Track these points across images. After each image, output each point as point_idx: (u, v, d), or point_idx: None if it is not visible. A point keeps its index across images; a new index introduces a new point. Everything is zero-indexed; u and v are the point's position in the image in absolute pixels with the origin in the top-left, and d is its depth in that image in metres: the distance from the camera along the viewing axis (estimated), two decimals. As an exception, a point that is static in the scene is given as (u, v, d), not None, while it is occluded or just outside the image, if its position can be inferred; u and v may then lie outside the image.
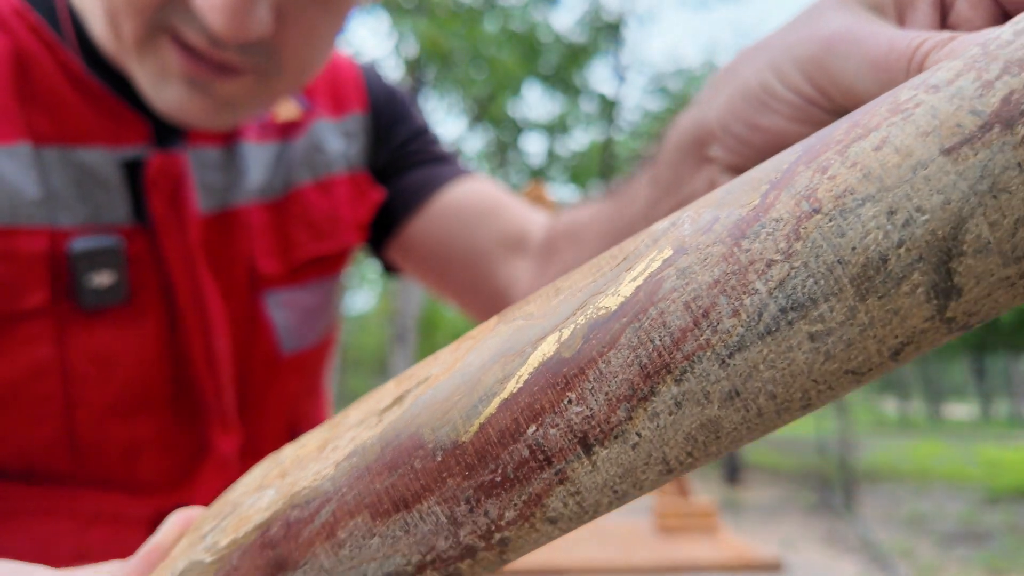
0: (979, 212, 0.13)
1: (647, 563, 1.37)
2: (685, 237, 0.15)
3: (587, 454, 0.15)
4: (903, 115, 0.14)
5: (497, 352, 0.16)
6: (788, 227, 0.14)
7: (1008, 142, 0.13)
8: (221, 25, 0.34)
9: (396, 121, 0.57)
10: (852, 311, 0.13)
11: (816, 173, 0.14)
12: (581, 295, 0.15)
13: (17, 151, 0.38)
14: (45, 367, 0.39)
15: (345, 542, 0.17)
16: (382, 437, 0.17)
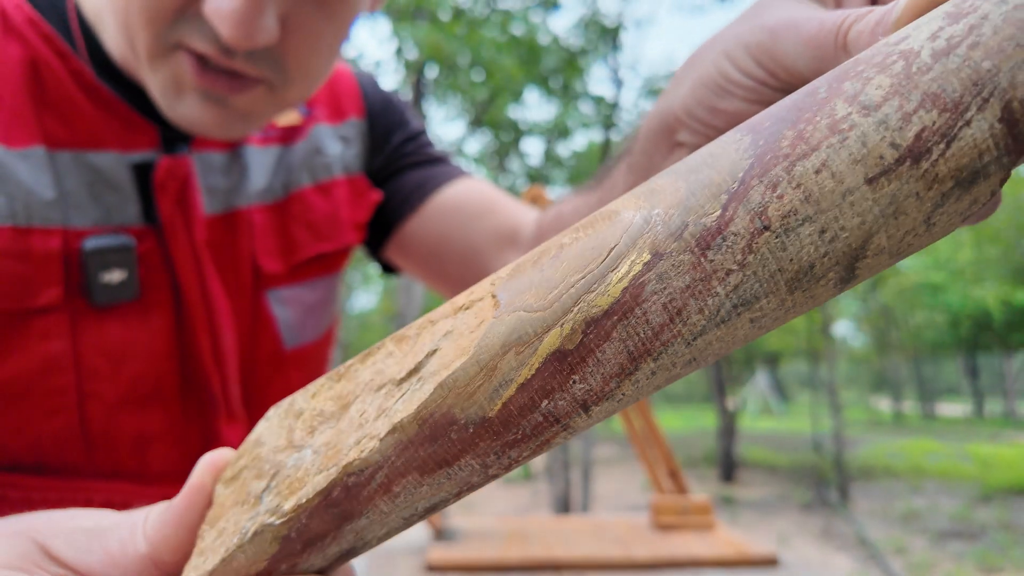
0: (883, 229, 0.17)
1: (645, 559, 1.38)
2: (659, 241, 0.18)
3: (586, 412, 0.19)
4: (839, 137, 0.17)
5: (507, 340, 0.19)
6: (744, 241, 0.17)
7: (913, 175, 0.16)
8: (230, 32, 0.35)
9: (392, 125, 0.58)
10: (782, 302, 0.18)
11: (767, 190, 0.17)
12: (574, 291, 0.18)
13: (32, 154, 0.39)
14: (58, 361, 0.41)
15: (399, 493, 0.21)
16: (417, 416, 0.20)
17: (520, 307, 0.19)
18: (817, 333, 12.02)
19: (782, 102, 0.19)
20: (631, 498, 7.74)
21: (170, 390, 0.45)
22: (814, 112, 0.17)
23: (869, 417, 19.52)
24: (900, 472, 9.02)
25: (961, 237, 11.64)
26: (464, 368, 0.19)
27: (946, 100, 0.16)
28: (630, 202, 0.19)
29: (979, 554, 5.28)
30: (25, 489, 0.42)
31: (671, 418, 19.23)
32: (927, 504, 7.19)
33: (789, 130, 0.17)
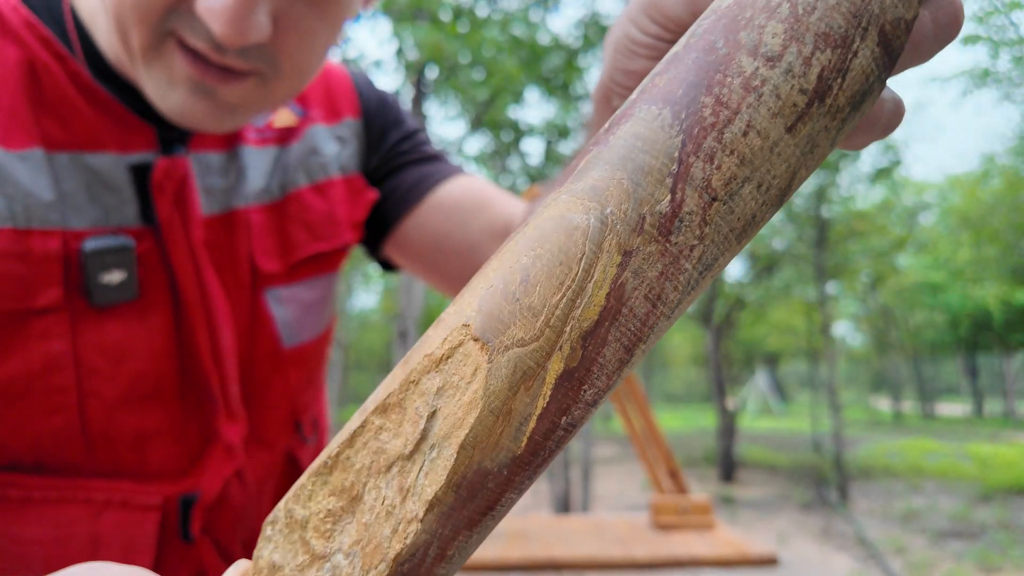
0: (803, 165, 0.19)
1: (645, 558, 1.38)
2: (624, 240, 0.18)
3: (594, 406, 0.20)
4: (755, 95, 0.18)
5: (513, 381, 0.19)
6: (698, 218, 0.18)
7: (821, 112, 0.18)
8: (222, 29, 0.35)
9: (388, 125, 0.59)
10: (734, 253, 0.20)
11: (706, 164, 0.18)
12: (560, 312, 0.18)
13: (31, 156, 0.39)
14: (59, 361, 0.41)
15: (453, 555, 0.20)
16: (451, 484, 0.19)
17: (512, 343, 0.19)
18: (817, 333, 12.02)
19: (682, 62, 0.19)
20: (631, 498, 7.75)
21: (169, 389, 0.45)
22: (723, 72, 0.18)
23: (869, 417, 19.53)
24: (900, 472, 9.03)
25: (961, 236, 11.64)
26: (480, 421, 0.19)
27: (835, 37, 0.18)
28: (575, 204, 0.19)
29: (978, 554, 5.28)
30: (25, 488, 0.42)
31: (671, 418, 19.24)
32: (927, 504, 7.19)
33: (706, 96, 0.18)
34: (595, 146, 0.20)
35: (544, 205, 0.20)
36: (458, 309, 0.20)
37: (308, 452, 0.57)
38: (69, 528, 0.42)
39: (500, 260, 0.20)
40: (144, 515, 0.44)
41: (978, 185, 10.19)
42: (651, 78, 0.20)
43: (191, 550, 0.46)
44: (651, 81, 0.20)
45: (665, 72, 0.19)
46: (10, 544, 0.41)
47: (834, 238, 8.66)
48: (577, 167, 0.20)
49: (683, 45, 0.20)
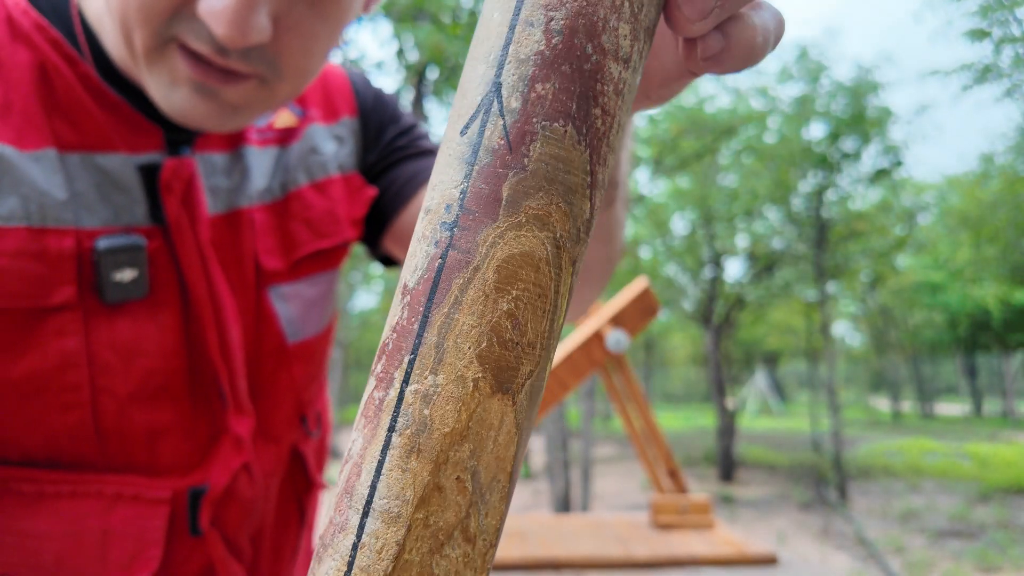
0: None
1: (645, 558, 1.39)
2: (571, 252, 0.20)
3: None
4: (622, 98, 0.21)
5: (533, 403, 0.21)
6: (599, 207, 0.21)
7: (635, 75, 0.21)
8: (224, 31, 0.36)
9: (385, 122, 0.59)
10: None
11: (602, 167, 0.21)
12: (547, 333, 0.20)
13: (44, 156, 0.40)
14: (73, 358, 0.41)
15: None
16: (505, 506, 0.21)
17: (525, 379, 0.20)
18: (816, 333, 12.01)
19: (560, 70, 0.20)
20: (631, 497, 7.75)
21: (179, 385, 0.46)
22: (600, 81, 0.20)
23: (868, 416, 19.52)
24: (899, 471, 9.04)
25: (960, 237, 11.64)
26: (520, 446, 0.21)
27: (652, 29, 0.21)
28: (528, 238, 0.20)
29: (977, 553, 5.29)
30: (38, 483, 0.43)
31: (671, 418, 19.23)
32: (925, 503, 7.20)
33: (595, 108, 0.20)
34: (508, 169, 0.19)
35: (487, 243, 0.19)
36: (453, 377, 0.19)
37: (312, 445, 0.58)
38: (81, 522, 0.43)
39: (475, 315, 0.19)
40: (154, 509, 0.44)
41: (977, 185, 10.18)
42: (530, 83, 0.19)
43: (200, 544, 0.47)
44: (531, 89, 0.19)
45: (546, 79, 0.19)
46: (23, 538, 0.42)
47: (833, 238, 8.66)
48: (500, 195, 0.19)
49: (543, 39, 0.19)
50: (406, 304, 0.19)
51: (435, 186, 0.20)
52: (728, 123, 7.62)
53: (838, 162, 8.26)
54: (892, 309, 16.82)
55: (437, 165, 0.20)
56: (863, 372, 25.82)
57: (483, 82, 0.20)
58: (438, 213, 0.19)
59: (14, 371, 0.40)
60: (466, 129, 0.19)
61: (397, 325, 0.19)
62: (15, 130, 0.39)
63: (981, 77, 6.92)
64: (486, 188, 0.19)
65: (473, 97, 0.20)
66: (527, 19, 0.19)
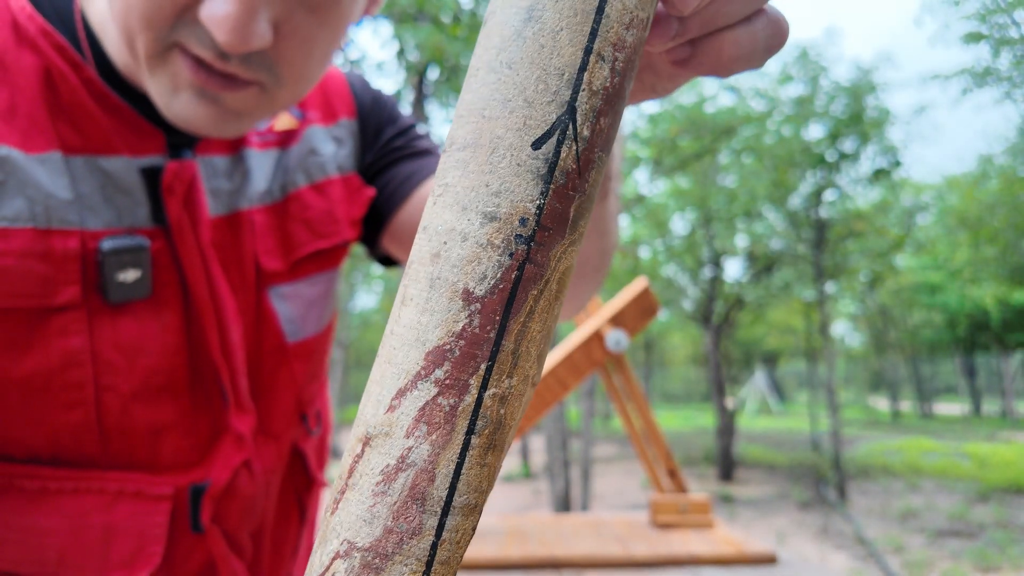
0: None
1: (644, 557, 1.39)
2: None
3: None
4: None
5: None
6: None
7: None
8: (225, 36, 0.36)
9: (382, 122, 0.60)
10: None
11: None
12: None
13: (49, 159, 0.41)
14: (77, 356, 0.42)
15: None
16: None
17: None
18: (815, 333, 12.02)
19: None
20: (630, 497, 7.76)
21: (181, 383, 0.46)
22: None
23: (867, 416, 19.53)
24: (898, 471, 9.05)
25: (958, 237, 11.65)
26: None
27: None
28: None
29: (976, 552, 5.30)
30: (41, 479, 0.43)
31: (670, 417, 19.23)
32: (925, 503, 7.21)
33: None
34: (575, 192, 0.22)
35: (556, 257, 0.21)
36: (522, 377, 0.20)
37: (312, 443, 0.59)
38: (84, 518, 0.43)
39: (541, 323, 0.21)
40: (156, 505, 0.45)
41: (976, 185, 10.19)
42: (597, 116, 0.22)
43: (201, 540, 0.47)
44: (597, 121, 0.22)
45: (605, 115, 0.22)
46: (26, 534, 0.43)
47: (833, 238, 8.67)
48: (569, 214, 0.21)
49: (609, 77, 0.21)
50: (475, 311, 0.19)
51: (499, 192, 0.19)
52: (728, 123, 7.62)
53: (837, 162, 8.27)
54: (891, 309, 16.83)
55: (491, 167, 0.20)
56: (862, 372, 25.84)
57: (556, 100, 0.20)
58: (511, 224, 0.19)
59: (19, 369, 0.41)
60: (539, 144, 0.20)
61: (464, 332, 0.19)
62: (21, 133, 0.40)
63: (980, 80, 6.93)
64: (560, 207, 0.20)
65: (544, 110, 0.20)
66: (599, 52, 0.20)
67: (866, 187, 8.80)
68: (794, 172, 8.36)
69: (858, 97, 7.91)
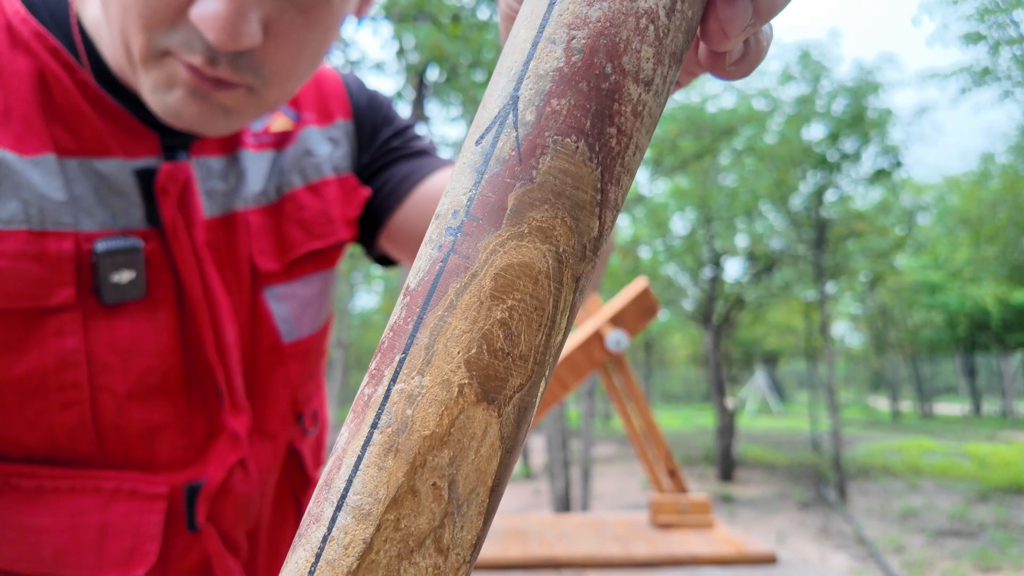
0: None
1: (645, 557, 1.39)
2: (575, 269, 0.20)
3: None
4: (640, 120, 0.20)
5: (520, 420, 0.20)
6: (610, 228, 0.21)
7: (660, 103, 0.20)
8: (216, 35, 0.37)
9: (378, 123, 0.60)
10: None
11: (615, 187, 0.20)
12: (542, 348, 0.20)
13: (43, 161, 0.41)
14: (72, 357, 0.42)
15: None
16: (485, 522, 0.20)
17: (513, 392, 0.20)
18: (815, 333, 12.03)
19: (578, 88, 0.19)
20: (631, 496, 7.76)
21: (176, 383, 0.47)
22: (618, 101, 0.20)
23: (867, 416, 19.54)
24: (898, 471, 9.05)
25: (959, 237, 11.65)
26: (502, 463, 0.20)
27: (679, 55, 0.21)
28: (530, 249, 0.20)
29: (976, 552, 5.30)
30: (37, 478, 0.43)
31: (670, 417, 19.24)
32: (925, 503, 7.21)
33: (610, 127, 0.20)
34: (515, 180, 0.20)
35: (488, 250, 0.19)
36: (439, 380, 0.19)
37: (309, 443, 0.59)
38: (79, 517, 0.43)
39: (468, 321, 0.19)
40: (151, 503, 0.45)
41: (977, 185, 10.19)
42: (545, 98, 0.20)
43: (197, 539, 0.47)
44: (546, 103, 0.19)
45: (562, 95, 0.19)
46: (22, 533, 0.43)
47: (833, 238, 8.67)
48: (506, 204, 0.19)
49: (563, 56, 0.20)
50: (405, 304, 0.20)
51: (447, 192, 0.20)
52: (728, 123, 7.62)
53: (838, 162, 8.27)
54: (891, 309, 16.84)
55: (452, 173, 0.21)
56: (862, 372, 25.86)
57: (502, 95, 0.20)
58: (446, 218, 0.20)
59: (15, 370, 0.41)
60: (481, 139, 0.20)
61: (395, 324, 0.20)
62: (15, 136, 0.40)
63: (979, 79, 6.92)
64: (492, 196, 0.19)
65: (491, 109, 0.20)
66: (550, 36, 0.20)
67: (867, 187, 8.80)
68: (795, 172, 8.36)
69: (859, 97, 7.91)
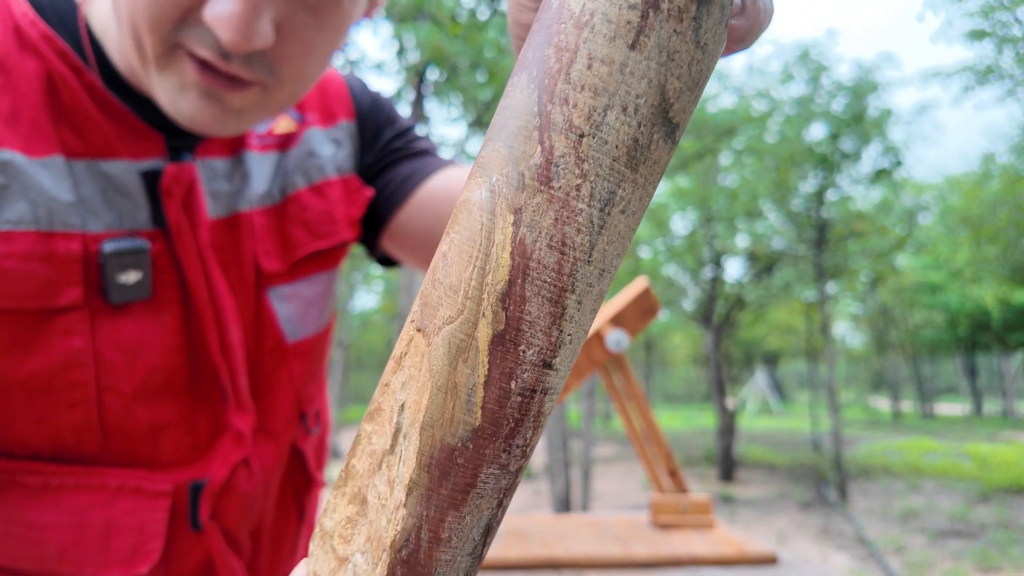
0: (669, 74, 0.18)
1: (645, 557, 1.39)
2: (512, 199, 0.19)
3: (550, 368, 0.20)
4: (588, 29, 0.18)
5: (450, 356, 0.20)
6: (572, 158, 0.18)
7: (661, 19, 0.18)
8: (229, 36, 0.37)
9: (381, 124, 0.61)
10: (635, 181, 0.19)
11: (562, 106, 0.18)
12: (475, 282, 0.19)
13: (52, 163, 0.41)
14: (79, 356, 0.42)
15: (450, 537, 0.21)
16: (420, 465, 0.20)
17: (442, 323, 0.20)
18: (816, 333, 12.02)
19: (533, 28, 0.20)
20: (631, 497, 7.76)
21: (181, 383, 0.47)
22: (557, 21, 0.19)
23: (868, 416, 19.52)
24: (899, 471, 9.04)
25: (959, 237, 11.64)
26: (432, 400, 0.20)
27: None
28: (472, 184, 0.20)
29: (977, 553, 5.29)
30: (43, 475, 0.44)
31: (671, 417, 19.23)
32: (925, 503, 7.20)
33: (548, 48, 0.19)
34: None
35: None
36: (412, 311, 0.21)
37: (311, 443, 0.59)
38: (84, 514, 0.44)
39: (436, 253, 0.21)
40: (155, 501, 0.45)
41: (978, 185, 10.18)
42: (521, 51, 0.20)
43: (200, 538, 0.48)
44: (520, 55, 0.20)
45: (526, 45, 0.20)
46: (27, 529, 0.43)
47: (834, 238, 8.66)
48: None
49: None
50: None
51: None
52: (729, 123, 7.62)
53: (838, 162, 8.26)
54: (892, 309, 16.83)
55: None
56: (863, 372, 25.84)
57: None
58: None
59: (22, 369, 0.41)
60: None
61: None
62: (24, 138, 0.40)
63: (982, 78, 6.91)
64: None
65: None
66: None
67: (867, 187, 8.79)
68: (795, 172, 8.36)
69: (859, 96, 7.91)
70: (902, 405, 20.20)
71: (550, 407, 0.21)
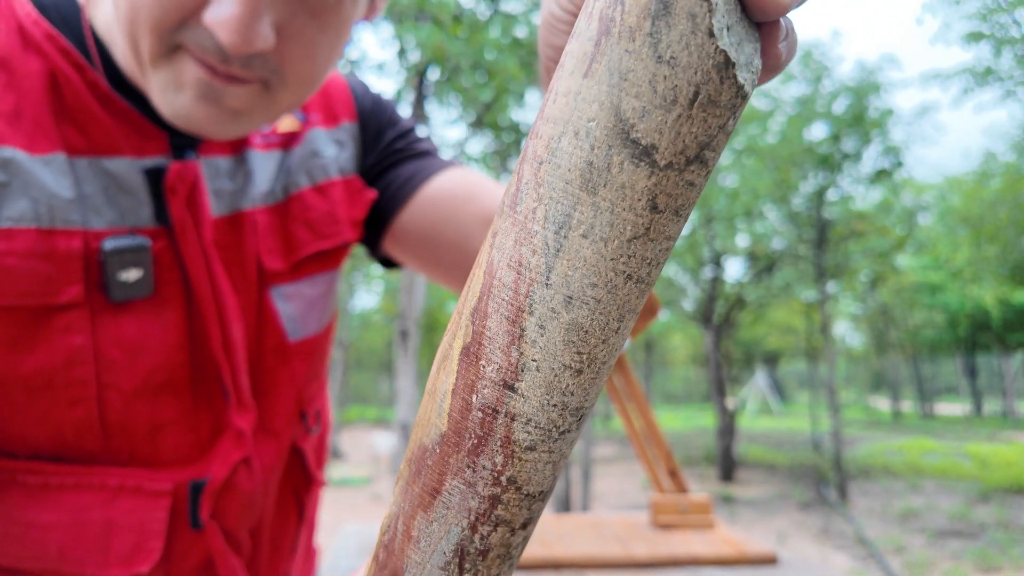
0: (624, 95, 0.18)
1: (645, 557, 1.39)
2: (493, 224, 0.21)
3: (512, 391, 0.20)
4: (560, 68, 0.20)
5: (438, 362, 0.22)
6: (533, 183, 0.19)
7: (612, 43, 0.18)
8: (229, 39, 0.37)
9: (383, 125, 0.61)
10: (594, 204, 0.19)
11: (534, 139, 0.20)
12: (464, 299, 0.21)
13: (54, 160, 0.41)
14: (79, 354, 0.42)
15: (419, 538, 0.22)
16: (407, 459, 0.23)
17: (448, 335, 0.22)
18: (816, 333, 12.02)
19: None
20: (631, 497, 7.76)
21: (182, 380, 0.47)
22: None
23: (868, 416, 19.52)
24: (899, 471, 9.04)
25: (960, 237, 11.64)
26: (424, 402, 0.22)
27: None
28: None
29: (977, 553, 5.29)
30: (43, 475, 0.44)
31: (671, 417, 19.23)
32: (925, 503, 7.20)
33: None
34: None
35: None
36: None
37: (312, 442, 0.59)
38: (84, 513, 0.44)
39: None
40: (156, 500, 0.45)
41: (978, 185, 10.18)
42: None
43: (200, 537, 0.48)
44: None
45: None
46: (27, 529, 0.43)
47: (834, 238, 8.66)
48: None
49: None
50: None
51: None
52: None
53: (839, 162, 8.26)
54: (892, 309, 16.83)
55: None
56: (863, 372, 25.84)
57: None
58: None
59: (23, 367, 0.41)
60: None
61: None
62: (26, 135, 0.41)
63: (981, 80, 6.91)
64: None
65: None
66: None
67: (868, 187, 8.79)
68: (796, 172, 8.36)
69: (860, 97, 7.90)
70: (902, 405, 20.19)
71: (527, 439, 0.20)
